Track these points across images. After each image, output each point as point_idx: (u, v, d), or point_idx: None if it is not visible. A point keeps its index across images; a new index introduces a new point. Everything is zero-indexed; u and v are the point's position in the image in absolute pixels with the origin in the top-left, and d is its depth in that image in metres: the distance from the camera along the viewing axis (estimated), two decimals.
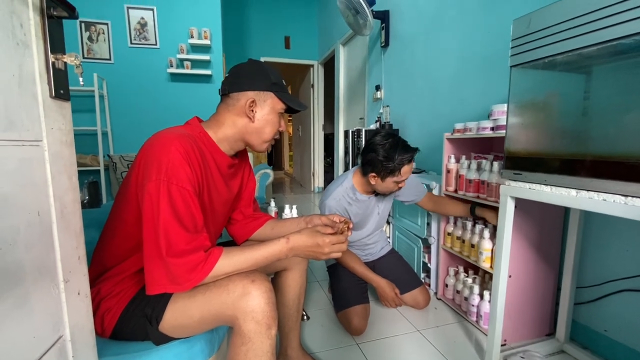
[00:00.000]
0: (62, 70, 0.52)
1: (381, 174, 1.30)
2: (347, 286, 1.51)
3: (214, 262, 0.71)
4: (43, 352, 0.47)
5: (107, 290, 0.78)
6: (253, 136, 0.87)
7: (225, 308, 0.70)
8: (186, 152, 0.73)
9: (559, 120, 0.92)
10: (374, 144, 1.30)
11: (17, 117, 0.44)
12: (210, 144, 0.85)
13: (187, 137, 0.76)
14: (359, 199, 1.44)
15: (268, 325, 0.71)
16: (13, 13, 0.43)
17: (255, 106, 0.84)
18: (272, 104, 0.86)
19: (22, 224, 0.44)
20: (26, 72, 0.46)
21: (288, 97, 0.88)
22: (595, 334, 1.24)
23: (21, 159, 0.45)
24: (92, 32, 3.17)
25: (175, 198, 0.70)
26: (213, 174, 0.85)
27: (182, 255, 0.69)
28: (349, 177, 1.45)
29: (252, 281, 0.72)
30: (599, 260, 1.24)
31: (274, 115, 0.87)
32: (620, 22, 0.70)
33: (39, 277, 0.47)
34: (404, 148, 1.29)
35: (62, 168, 0.52)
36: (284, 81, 0.89)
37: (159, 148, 0.72)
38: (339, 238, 0.82)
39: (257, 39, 4.80)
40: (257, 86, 0.84)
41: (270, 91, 0.85)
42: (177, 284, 0.69)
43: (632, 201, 0.70)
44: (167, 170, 0.70)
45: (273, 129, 0.88)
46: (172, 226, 0.69)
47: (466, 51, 1.93)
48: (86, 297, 0.58)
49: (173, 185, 0.69)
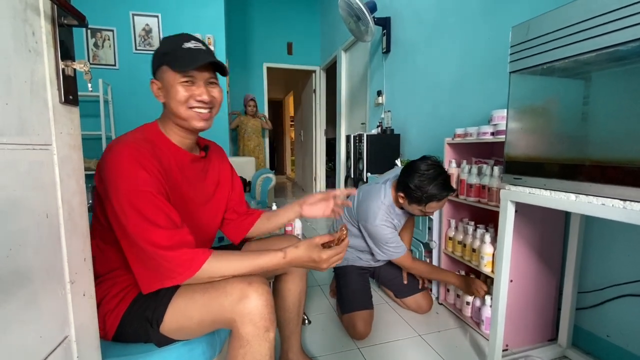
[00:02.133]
0: (72, 76, 0.54)
1: (408, 199, 1.33)
2: (355, 290, 1.51)
3: (204, 259, 0.72)
4: (49, 351, 0.48)
5: (105, 292, 0.78)
6: (174, 118, 0.81)
7: (223, 311, 0.70)
8: (136, 158, 0.72)
9: (558, 126, 0.92)
10: (414, 169, 1.30)
11: (29, 122, 0.46)
12: (164, 142, 0.83)
13: (136, 142, 0.75)
14: (397, 213, 1.46)
15: (266, 328, 0.71)
16: (26, 22, 0.45)
17: (160, 87, 0.80)
18: (168, 77, 0.78)
19: (31, 225, 0.45)
20: (37, 78, 0.47)
21: (178, 60, 0.76)
22: (597, 340, 1.24)
23: (31, 162, 0.46)
24: (97, 38, 3.22)
25: (138, 203, 0.69)
26: (174, 172, 0.82)
27: (168, 249, 0.69)
28: (389, 193, 1.44)
29: (249, 284, 0.72)
30: (600, 264, 1.24)
31: (176, 87, 0.77)
32: (618, 29, 0.71)
33: (47, 278, 0.48)
34: (442, 185, 1.27)
35: (70, 171, 0.54)
36: (189, 43, 0.78)
37: (109, 161, 0.71)
38: (337, 250, 0.82)
39: (260, 44, 4.86)
40: (154, 67, 0.81)
41: (162, 65, 0.78)
42: (170, 277, 0.70)
43: (631, 205, 0.71)
44: (123, 180, 0.69)
45: (182, 101, 0.78)
46: (145, 230, 0.68)
47: (466, 57, 1.95)
48: (91, 298, 0.59)
49: (131, 192, 0.69)
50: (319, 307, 1.68)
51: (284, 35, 4.97)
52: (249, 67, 4.85)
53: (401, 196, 1.36)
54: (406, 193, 1.33)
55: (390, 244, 1.41)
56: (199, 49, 0.79)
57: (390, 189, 1.45)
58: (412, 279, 1.63)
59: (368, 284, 1.59)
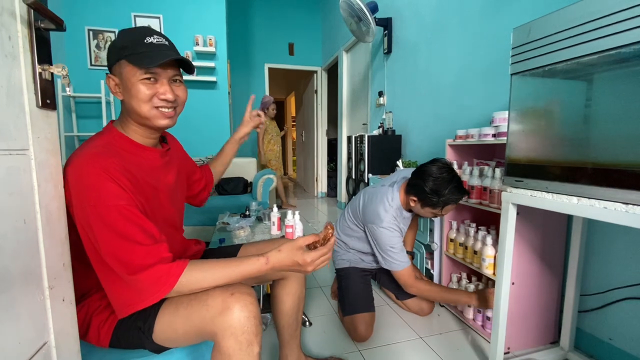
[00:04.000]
0: (49, 80, 0.53)
1: (421, 202, 1.31)
2: (357, 292, 1.51)
3: (179, 274, 0.67)
4: (28, 358, 0.47)
5: (95, 303, 0.76)
6: (136, 116, 0.75)
7: (205, 324, 0.67)
8: (103, 170, 0.65)
9: (560, 128, 0.92)
10: (427, 172, 1.28)
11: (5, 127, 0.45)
12: (127, 144, 0.76)
13: (99, 152, 0.69)
14: (405, 217, 1.45)
15: (249, 342, 0.66)
16: (2, 26, 0.44)
17: (117, 83, 0.74)
18: (128, 73, 0.71)
19: (8, 231, 0.45)
20: (14, 82, 0.47)
21: (139, 55, 0.70)
22: (600, 343, 1.23)
23: (8, 168, 0.45)
24: (99, 39, 3.24)
25: (110, 219, 0.64)
26: (145, 173, 0.77)
27: (141, 269, 0.65)
28: (396, 197, 1.42)
29: (231, 294, 0.68)
30: (603, 267, 1.23)
31: (136, 84, 0.71)
32: (620, 31, 0.71)
33: (25, 283, 0.48)
34: (457, 189, 1.25)
35: (48, 176, 0.53)
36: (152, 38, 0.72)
37: (73, 178, 0.64)
38: (322, 251, 0.76)
39: (261, 45, 4.86)
40: (110, 62, 0.74)
41: (121, 59, 0.71)
42: (144, 299, 0.66)
43: (633, 209, 0.70)
44: (89, 196, 0.63)
45: (144, 100, 0.72)
46: (119, 247, 0.64)
47: (468, 58, 1.94)
48: (71, 303, 0.58)
49: (101, 207, 0.63)
50: (320, 308, 1.68)
51: (286, 35, 4.97)
52: (250, 67, 4.85)
53: (413, 200, 1.34)
54: (420, 197, 1.31)
55: (394, 249, 1.38)
56: (161, 44, 0.73)
57: (397, 192, 1.43)
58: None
59: (370, 287, 1.58)
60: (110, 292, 0.69)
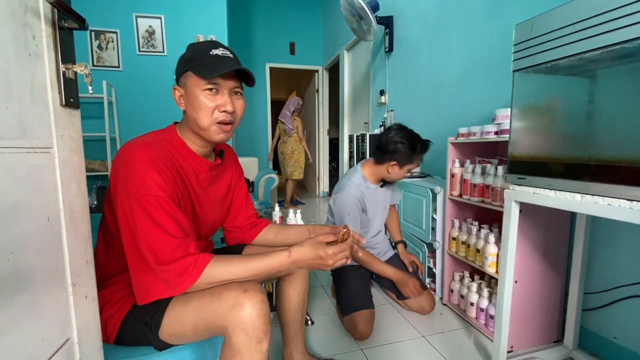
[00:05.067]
0: (72, 79, 0.54)
1: (401, 163, 1.42)
2: (353, 290, 1.50)
3: (203, 266, 0.70)
4: (51, 354, 0.48)
5: (108, 297, 0.78)
6: (194, 127, 0.79)
7: (217, 317, 0.69)
8: (152, 161, 0.70)
9: (562, 125, 0.91)
10: (392, 140, 1.40)
11: (29, 125, 0.46)
12: (183, 149, 0.81)
13: (152, 144, 0.74)
14: (369, 187, 1.53)
15: (259, 338, 0.68)
16: (26, 25, 0.45)
17: (182, 95, 0.78)
18: (191, 84, 0.75)
19: (32, 229, 0.46)
20: (38, 81, 0.48)
21: (204, 67, 0.74)
22: (604, 341, 1.22)
23: (32, 166, 0.46)
24: (101, 40, 3.24)
25: (150, 207, 0.68)
26: (190, 178, 0.82)
27: (170, 262, 0.68)
28: (359, 170, 1.54)
29: (244, 291, 0.70)
30: (607, 265, 1.22)
31: (199, 95, 0.75)
32: (623, 27, 0.70)
33: (48, 281, 0.48)
34: (420, 139, 1.42)
35: (71, 174, 0.54)
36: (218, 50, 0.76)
37: (123, 161, 0.70)
38: (342, 247, 0.80)
39: (262, 45, 4.86)
40: (178, 72, 0.79)
41: (187, 71, 0.76)
42: (167, 289, 0.69)
43: (638, 205, 0.69)
44: (135, 182, 0.68)
45: (205, 112, 0.76)
46: (153, 235, 0.67)
47: (470, 56, 1.93)
48: (93, 300, 0.59)
49: (143, 195, 0.67)
50: (322, 307, 1.68)
51: (287, 35, 4.97)
52: (251, 67, 4.85)
53: (392, 164, 1.43)
54: (400, 159, 1.40)
55: (350, 216, 1.44)
56: (225, 55, 0.77)
57: (359, 167, 1.55)
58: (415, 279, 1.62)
59: (367, 283, 1.58)
60: (135, 278, 0.71)
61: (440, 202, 1.65)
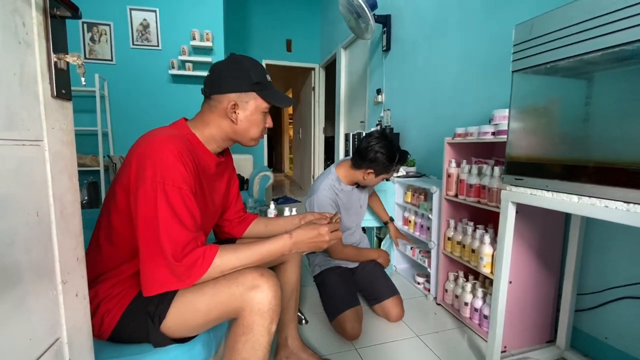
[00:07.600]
0: (64, 70, 0.52)
1: (377, 172, 1.42)
2: (335, 291, 1.49)
3: (211, 258, 0.73)
4: (39, 354, 0.47)
5: (106, 292, 0.77)
6: (239, 137, 0.88)
7: (234, 300, 0.72)
8: (179, 153, 0.73)
9: (560, 126, 0.91)
10: (375, 147, 1.39)
11: (18, 116, 0.44)
12: (198, 145, 0.85)
13: (177, 137, 0.77)
14: (344, 189, 1.54)
15: (271, 319, 0.73)
16: (15, 12, 0.43)
17: (237, 108, 0.83)
18: (256, 105, 0.85)
19: (20, 224, 0.44)
20: (28, 71, 0.45)
21: (272, 95, 0.86)
22: (596, 342, 1.23)
23: (21, 159, 0.44)
24: (94, 32, 3.18)
25: (173, 198, 0.70)
26: (203, 174, 0.85)
27: (184, 254, 0.70)
28: (333, 171, 1.54)
29: (261, 275, 0.74)
30: (600, 266, 1.24)
31: (258, 115, 0.86)
32: (623, 29, 0.70)
33: (37, 278, 0.47)
34: (400, 151, 1.43)
35: (62, 168, 0.52)
36: (268, 76, 0.87)
37: (151, 150, 0.72)
38: (335, 226, 0.88)
39: (259, 41, 4.82)
40: (238, 87, 0.82)
41: (253, 91, 0.83)
42: (180, 280, 0.71)
43: (634, 208, 0.70)
44: (162, 172, 0.70)
45: (258, 128, 0.88)
46: (173, 226, 0.69)
47: (467, 56, 1.93)
48: (84, 298, 0.58)
49: (169, 186, 0.70)
50: (315, 307, 1.67)
51: (283, 32, 4.93)
52: None
53: (368, 172, 1.43)
54: (377, 168, 1.41)
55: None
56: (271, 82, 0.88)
57: (334, 168, 1.55)
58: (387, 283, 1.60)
59: (349, 281, 1.56)
60: (146, 269, 0.71)
61: (436, 202, 1.66)
